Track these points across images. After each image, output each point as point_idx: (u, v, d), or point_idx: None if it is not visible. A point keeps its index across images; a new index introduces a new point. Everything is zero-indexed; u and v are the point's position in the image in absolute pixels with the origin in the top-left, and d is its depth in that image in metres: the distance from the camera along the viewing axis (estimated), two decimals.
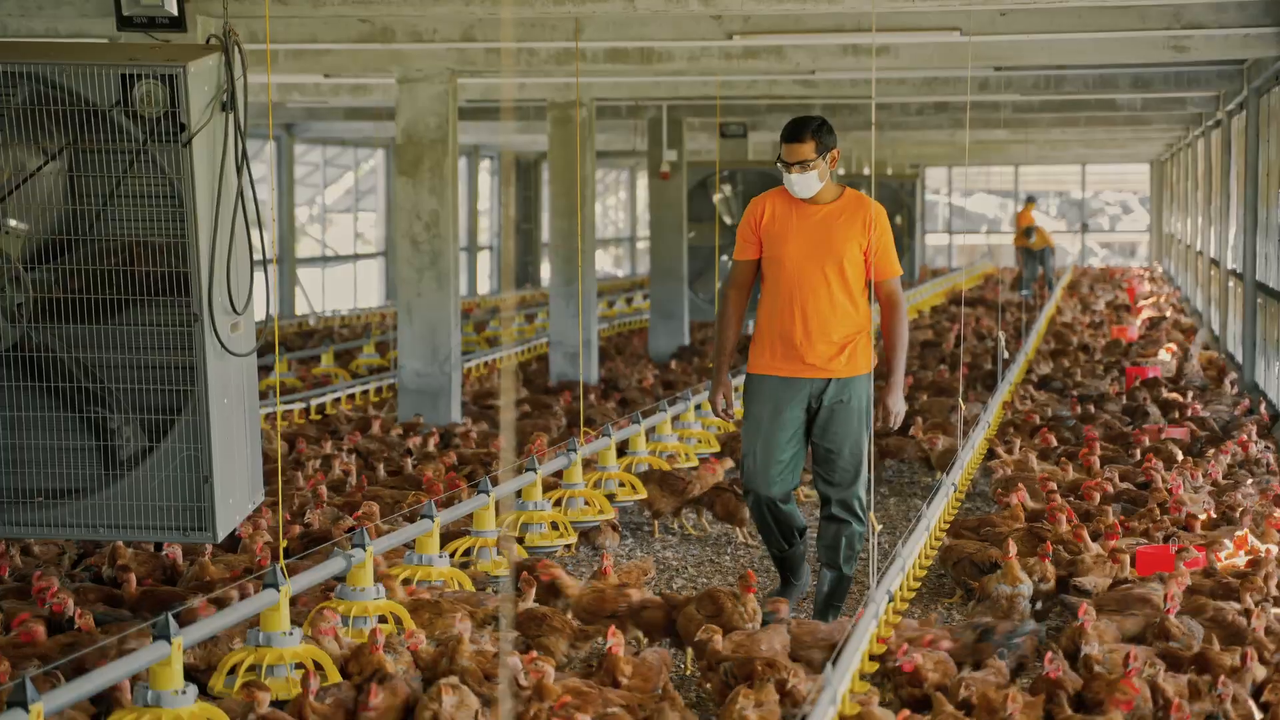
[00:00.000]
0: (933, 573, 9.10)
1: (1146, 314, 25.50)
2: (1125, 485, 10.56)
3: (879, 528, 7.89)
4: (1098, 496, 9.96)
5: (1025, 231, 29.53)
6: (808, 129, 7.64)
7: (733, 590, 7.45)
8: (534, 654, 6.42)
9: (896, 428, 7.96)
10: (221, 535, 6.53)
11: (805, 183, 7.65)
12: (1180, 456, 11.60)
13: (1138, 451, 11.80)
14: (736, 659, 6.51)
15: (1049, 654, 6.40)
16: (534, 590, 7.48)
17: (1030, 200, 31.79)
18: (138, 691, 5.92)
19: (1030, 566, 8.10)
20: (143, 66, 6.16)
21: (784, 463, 7.81)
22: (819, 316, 7.65)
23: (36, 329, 6.39)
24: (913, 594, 8.43)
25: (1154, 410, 13.99)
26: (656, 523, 10.55)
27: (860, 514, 7.84)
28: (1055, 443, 12.42)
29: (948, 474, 10.37)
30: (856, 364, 7.71)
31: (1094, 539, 8.75)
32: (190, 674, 6.24)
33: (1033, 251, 29.55)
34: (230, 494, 6.55)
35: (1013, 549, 8.03)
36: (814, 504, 11.51)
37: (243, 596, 6.92)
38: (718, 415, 7.96)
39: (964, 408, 11.46)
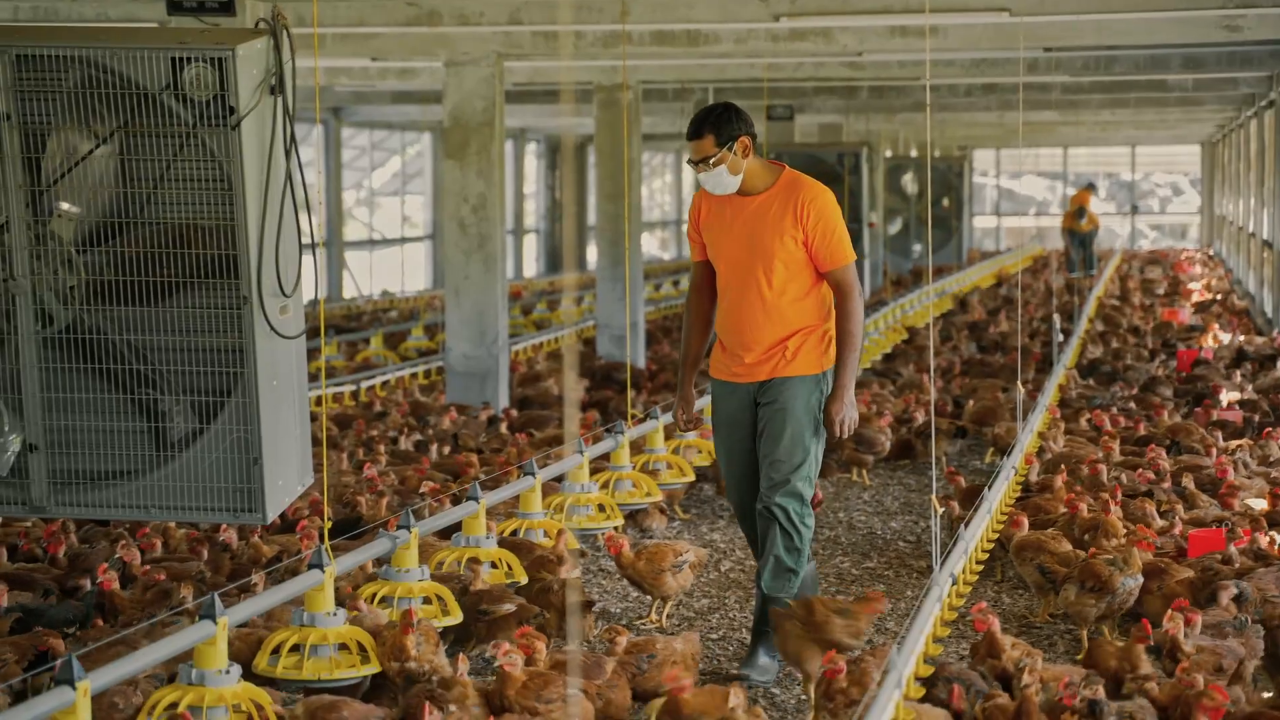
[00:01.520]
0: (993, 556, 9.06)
1: (1197, 296, 25.33)
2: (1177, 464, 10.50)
3: (941, 510, 7.84)
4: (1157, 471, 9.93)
5: (1078, 212, 29.33)
6: (705, 122, 6.96)
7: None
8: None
9: (845, 436, 7.16)
10: (271, 516, 6.54)
11: (715, 180, 7.00)
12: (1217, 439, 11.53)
13: (1189, 434, 11.73)
14: None
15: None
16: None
17: (1091, 187, 31.51)
18: (182, 671, 5.97)
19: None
20: (192, 50, 6.17)
21: (736, 470, 7.30)
22: (752, 319, 7.07)
23: (88, 311, 6.42)
24: (975, 577, 8.42)
25: (1206, 393, 13.90)
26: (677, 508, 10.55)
27: (789, 519, 7.10)
28: (1108, 423, 12.36)
29: (1007, 456, 10.32)
30: (794, 365, 7.06)
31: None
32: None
33: (1077, 233, 29.38)
34: (280, 475, 6.57)
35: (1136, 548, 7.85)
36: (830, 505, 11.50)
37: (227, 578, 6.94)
38: (680, 429, 7.48)
39: (1021, 390, 11.41)
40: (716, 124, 6.93)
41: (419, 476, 10.00)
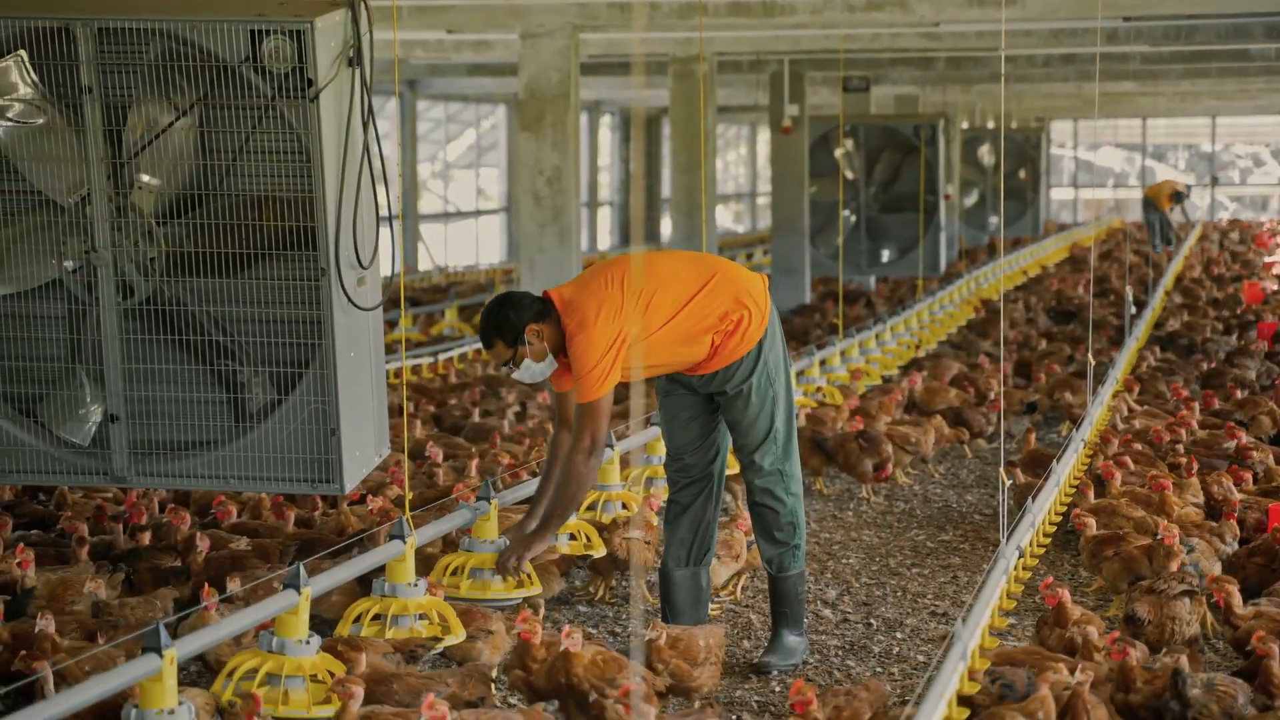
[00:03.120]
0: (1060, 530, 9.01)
1: (1278, 269, 25.02)
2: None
3: (1009, 482, 7.79)
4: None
5: (1174, 194, 29.07)
6: (488, 332, 6.78)
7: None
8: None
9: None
10: (348, 487, 6.59)
11: (527, 373, 6.83)
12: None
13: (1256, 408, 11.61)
14: None
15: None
16: None
17: (1188, 190, 31.16)
18: (263, 638, 6.02)
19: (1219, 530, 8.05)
20: (271, 22, 6.21)
21: None
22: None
23: (168, 283, 6.48)
24: (1042, 550, 8.37)
25: None
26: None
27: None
28: (1186, 395, 12.26)
29: (1077, 429, 10.25)
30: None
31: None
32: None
33: (1156, 207, 29.09)
34: (357, 446, 6.62)
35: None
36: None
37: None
38: None
39: (1092, 361, 11.32)
40: (499, 330, 6.72)
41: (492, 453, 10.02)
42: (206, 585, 6.55)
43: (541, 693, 5.97)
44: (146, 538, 7.90)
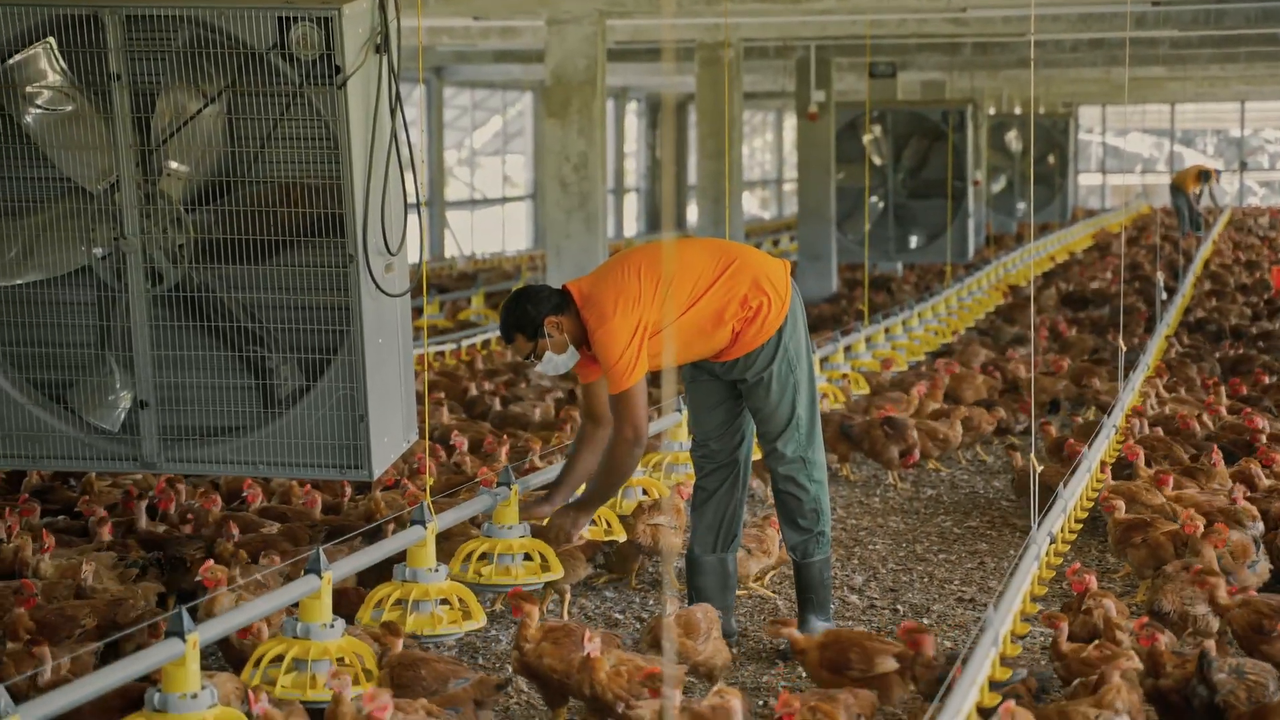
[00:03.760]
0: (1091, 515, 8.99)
1: None
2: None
3: (1040, 467, 7.77)
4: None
5: (1200, 175, 28.94)
6: (507, 328, 6.89)
7: None
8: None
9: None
10: (377, 473, 6.61)
11: (549, 366, 6.88)
12: None
13: None
14: None
15: None
16: None
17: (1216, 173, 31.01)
18: (286, 624, 6.05)
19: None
20: (298, 9, 6.22)
21: None
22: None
23: (197, 270, 6.50)
24: (1074, 535, 8.36)
25: None
26: None
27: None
28: (1215, 380, 12.22)
29: (1109, 415, 10.22)
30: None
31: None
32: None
33: (1182, 191, 28.95)
34: (385, 432, 6.63)
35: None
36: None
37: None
38: None
39: (1123, 347, 11.28)
40: (518, 324, 6.80)
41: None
42: (207, 572, 6.56)
43: (533, 672, 6.01)
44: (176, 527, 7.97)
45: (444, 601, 6.72)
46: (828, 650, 6.07)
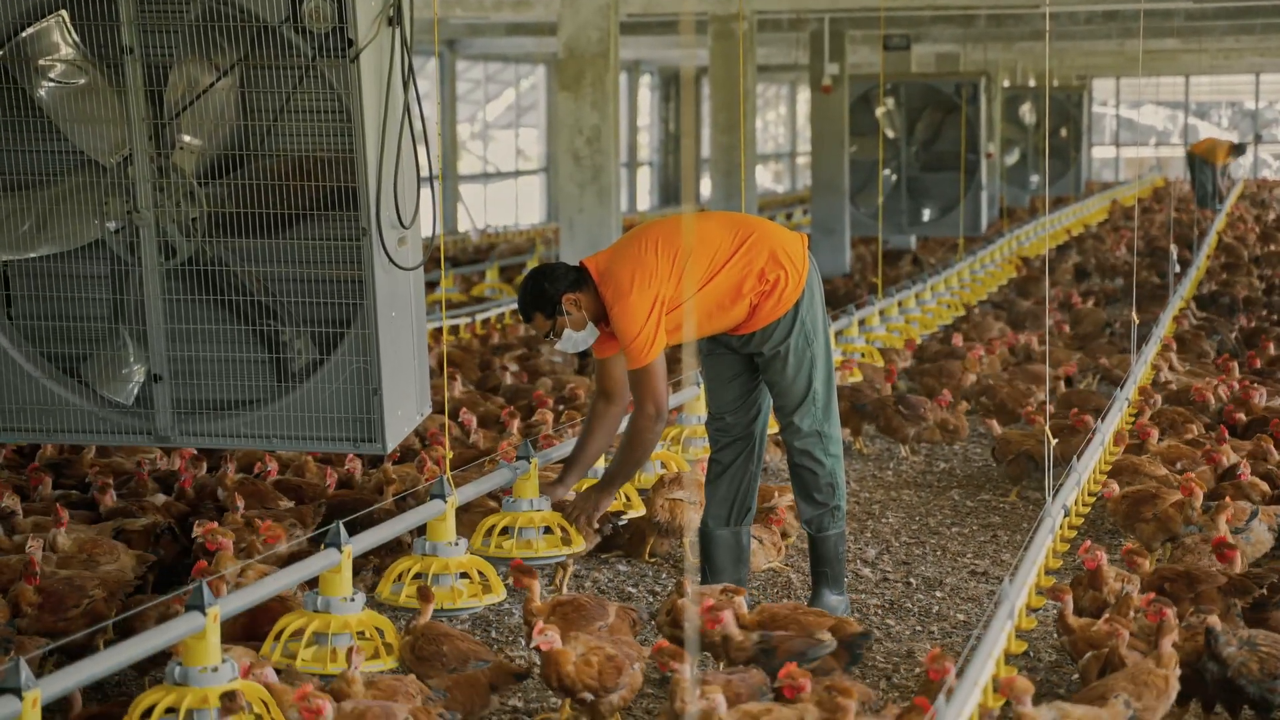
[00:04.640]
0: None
1: None
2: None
3: (1055, 441, 7.76)
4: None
5: (1235, 148, 28.84)
6: (526, 306, 6.91)
7: None
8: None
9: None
10: (390, 446, 6.61)
11: (569, 343, 6.92)
12: None
13: None
14: None
15: None
16: None
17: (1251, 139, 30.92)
18: (306, 598, 6.07)
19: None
20: None
21: None
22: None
23: (210, 243, 6.50)
24: (1087, 509, 8.35)
25: None
26: None
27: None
28: (1227, 354, 12.20)
29: (1121, 388, 10.21)
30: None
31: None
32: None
33: (1208, 164, 28.84)
34: (399, 406, 6.64)
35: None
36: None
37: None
38: None
39: (1137, 319, 11.26)
40: (536, 302, 6.84)
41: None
42: (208, 535, 6.61)
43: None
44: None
45: (464, 575, 6.73)
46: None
